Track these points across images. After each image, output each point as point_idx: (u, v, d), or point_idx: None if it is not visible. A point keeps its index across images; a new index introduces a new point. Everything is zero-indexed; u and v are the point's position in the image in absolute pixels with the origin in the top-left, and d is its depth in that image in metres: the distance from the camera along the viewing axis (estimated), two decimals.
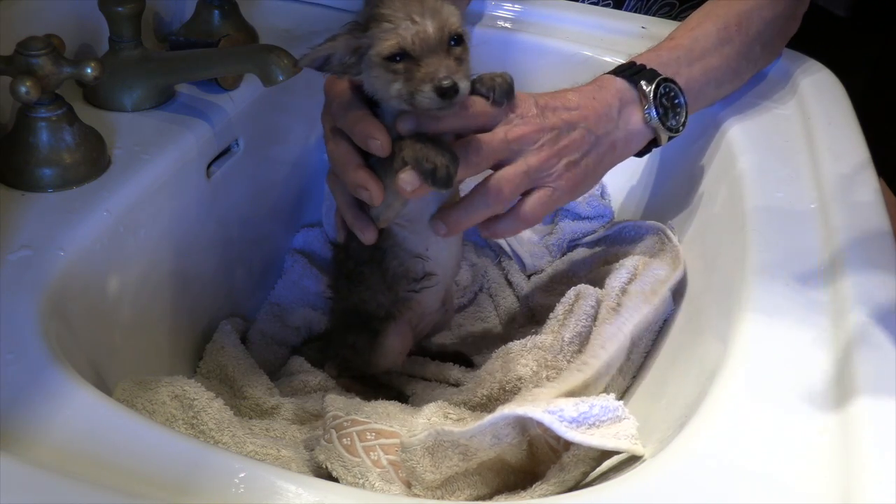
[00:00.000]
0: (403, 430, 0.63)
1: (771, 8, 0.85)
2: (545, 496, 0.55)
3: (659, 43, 0.82)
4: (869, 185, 0.72)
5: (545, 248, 0.96)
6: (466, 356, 0.87)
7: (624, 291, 0.73)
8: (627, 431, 0.55)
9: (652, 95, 0.74)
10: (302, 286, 0.94)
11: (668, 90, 0.75)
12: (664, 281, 0.70)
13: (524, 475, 0.59)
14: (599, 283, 0.76)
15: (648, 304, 0.68)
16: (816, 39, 0.95)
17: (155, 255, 0.73)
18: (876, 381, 0.52)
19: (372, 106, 0.67)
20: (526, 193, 0.70)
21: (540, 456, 0.58)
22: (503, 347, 0.75)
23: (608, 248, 0.85)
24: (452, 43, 0.63)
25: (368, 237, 0.71)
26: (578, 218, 0.96)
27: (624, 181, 0.98)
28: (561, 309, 0.75)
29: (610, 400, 0.56)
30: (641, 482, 0.47)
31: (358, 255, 0.76)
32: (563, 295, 0.76)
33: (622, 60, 0.81)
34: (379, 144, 0.65)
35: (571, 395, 0.63)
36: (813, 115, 0.83)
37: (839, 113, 0.84)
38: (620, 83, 0.75)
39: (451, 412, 0.68)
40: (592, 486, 0.52)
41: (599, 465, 0.57)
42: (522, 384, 0.71)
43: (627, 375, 0.70)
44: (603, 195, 0.98)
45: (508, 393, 0.72)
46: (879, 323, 0.56)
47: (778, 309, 0.58)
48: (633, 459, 0.55)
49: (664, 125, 0.74)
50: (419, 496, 0.58)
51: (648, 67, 0.76)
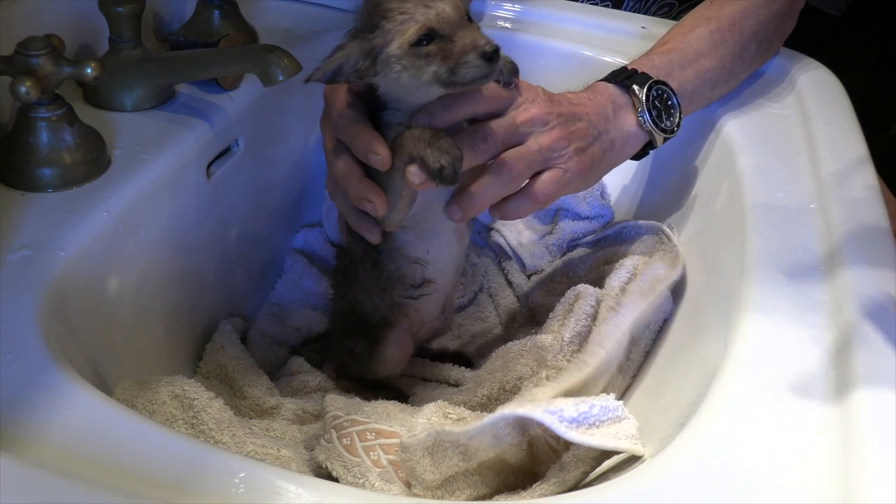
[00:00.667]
0: (403, 430, 0.63)
1: (766, 7, 0.85)
2: (545, 496, 0.55)
3: (651, 47, 0.83)
4: (868, 184, 0.72)
5: (545, 248, 0.96)
6: (466, 356, 0.87)
7: (623, 291, 0.73)
8: (627, 431, 0.55)
9: (644, 98, 0.74)
10: (302, 286, 0.94)
11: (660, 92, 0.75)
12: (662, 279, 0.70)
13: (524, 475, 0.59)
14: (599, 283, 0.76)
15: (646, 300, 0.68)
16: (816, 39, 0.95)
17: (155, 255, 0.73)
18: (876, 381, 0.52)
19: (373, 112, 0.67)
20: (536, 175, 0.70)
21: (540, 456, 0.58)
22: (503, 347, 0.75)
23: (608, 248, 0.85)
24: (469, 13, 0.63)
25: (375, 238, 0.71)
26: (578, 218, 0.96)
27: (623, 181, 0.98)
28: (561, 309, 0.75)
29: (610, 400, 0.56)
30: (641, 482, 0.47)
31: (354, 252, 0.76)
32: (563, 295, 0.76)
33: (622, 60, 0.81)
34: (379, 159, 0.65)
35: (570, 394, 0.63)
36: (812, 114, 0.83)
37: (838, 112, 0.84)
38: (613, 89, 0.75)
39: (451, 412, 0.68)
40: (592, 486, 0.52)
41: (599, 465, 0.57)
42: (522, 384, 0.71)
43: (627, 375, 0.70)
44: (603, 195, 0.98)
45: (508, 393, 0.72)
46: (879, 322, 0.56)
47: (777, 308, 0.58)
48: (633, 459, 0.55)
49: (658, 127, 0.75)
50: (419, 496, 0.58)
51: (640, 72, 0.76)
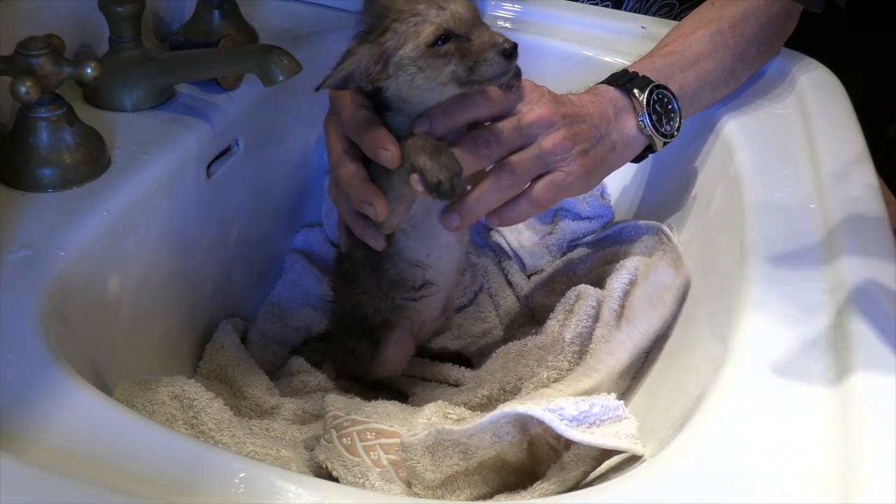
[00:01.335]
0: (403, 429, 0.63)
1: (767, 9, 0.85)
2: (545, 496, 0.55)
3: (652, 49, 0.83)
4: (868, 184, 0.72)
5: (545, 248, 0.96)
6: (466, 356, 0.87)
7: (627, 293, 0.73)
8: (628, 431, 0.55)
9: (645, 103, 0.74)
10: (302, 286, 0.94)
11: (661, 97, 0.75)
12: (669, 287, 0.70)
13: (524, 474, 0.59)
14: (600, 283, 0.76)
15: (657, 313, 0.68)
16: (816, 39, 0.95)
17: (155, 255, 0.73)
18: (876, 381, 0.52)
19: (377, 112, 0.67)
20: (537, 178, 0.70)
21: (540, 455, 0.58)
22: (503, 347, 0.75)
23: (608, 248, 0.85)
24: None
25: (380, 244, 0.71)
26: (578, 218, 0.96)
27: (623, 181, 0.98)
28: (561, 309, 0.75)
29: (610, 399, 0.56)
30: (641, 482, 0.47)
31: (354, 256, 0.76)
32: (563, 295, 0.76)
33: (622, 60, 0.81)
34: (389, 156, 0.64)
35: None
36: (812, 114, 0.83)
37: (838, 112, 0.84)
38: (614, 92, 0.75)
39: (451, 412, 0.68)
40: (592, 485, 0.52)
41: (600, 464, 0.57)
42: (522, 384, 0.71)
43: (627, 376, 0.70)
44: (603, 195, 0.98)
45: (508, 393, 0.72)
46: (879, 322, 0.56)
47: (777, 308, 0.58)
48: (633, 459, 0.55)
49: (658, 131, 0.75)
50: (419, 496, 0.58)
51: (641, 75, 0.76)
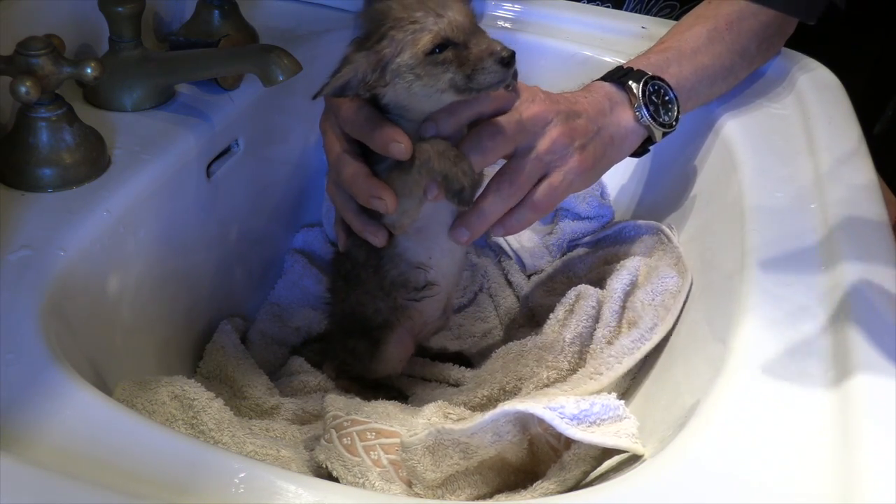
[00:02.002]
0: (403, 429, 0.63)
1: (766, 8, 0.85)
2: (546, 495, 0.55)
3: (649, 48, 0.83)
4: (868, 184, 0.72)
5: (545, 248, 0.96)
6: (466, 356, 0.87)
7: (628, 294, 0.73)
8: (628, 430, 0.55)
9: (641, 94, 0.74)
10: (302, 286, 0.94)
11: (656, 87, 0.76)
12: (675, 294, 0.70)
13: (525, 474, 0.59)
14: (600, 283, 0.76)
15: (665, 324, 0.68)
16: (816, 39, 0.95)
17: (155, 255, 0.73)
18: (876, 381, 0.52)
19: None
20: (537, 182, 0.69)
21: (540, 455, 0.58)
22: (503, 347, 0.75)
23: (608, 248, 0.85)
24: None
25: (381, 241, 0.71)
26: (578, 218, 0.96)
27: (623, 181, 0.98)
28: (561, 309, 0.75)
29: (611, 399, 0.56)
30: (641, 482, 0.47)
31: (355, 256, 0.76)
32: (563, 295, 0.76)
33: (622, 60, 0.81)
34: (402, 148, 0.64)
35: None
36: (812, 114, 0.83)
37: (838, 112, 0.84)
38: (608, 86, 0.75)
39: (451, 412, 0.68)
40: (593, 485, 0.52)
41: (600, 464, 0.57)
42: (523, 385, 0.71)
43: (628, 376, 0.70)
44: (603, 195, 0.98)
45: (509, 393, 0.72)
46: (879, 322, 0.56)
47: (777, 309, 0.58)
48: (633, 459, 0.55)
49: (656, 122, 0.75)
50: (420, 495, 0.58)
51: (636, 69, 0.76)
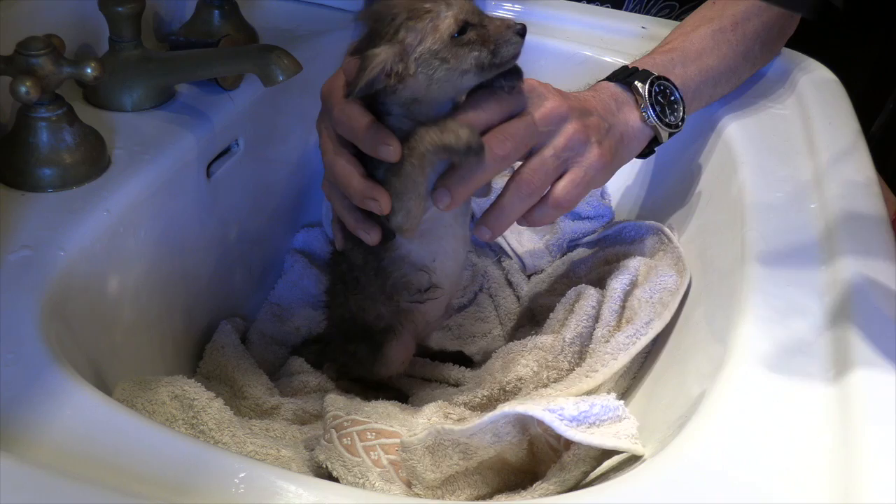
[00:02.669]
0: (404, 429, 0.63)
1: (769, 8, 0.85)
2: (545, 496, 0.55)
3: (653, 49, 0.83)
4: (868, 184, 0.72)
5: (545, 248, 0.96)
6: (466, 356, 0.87)
7: (628, 294, 0.73)
8: (628, 431, 0.55)
9: (647, 94, 0.74)
10: (302, 286, 0.94)
11: (662, 88, 0.75)
12: (673, 292, 0.70)
13: (524, 475, 0.59)
14: (600, 283, 0.76)
15: (661, 320, 0.68)
16: (816, 39, 0.95)
17: (155, 255, 0.73)
18: (876, 381, 0.52)
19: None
20: (557, 179, 0.69)
21: (540, 455, 0.58)
22: (503, 347, 0.75)
23: (608, 248, 0.85)
24: None
25: (374, 238, 0.69)
26: (578, 218, 0.96)
27: (623, 181, 0.98)
28: (561, 309, 0.75)
29: (610, 399, 0.56)
30: (641, 482, 0.47)
31: (352, 258, 0.75)
32: (563, 295, 0.76)
33: (622, 60, 0.81)
34: (391, 150, 0.64)
35: None
36: (812, 114, 0.83)
37: (838, 112, 0.84)
38: (614, 87, 0.75)
39: (451, 412, 0.68)
40: (592, 486, 0.52)
41: (600, 464, 0.57)
42: (523, 384, 0.71)
43: (627, 376, 0.70)
44: (603, 195, 0.98)
45: (509, 393, 0.72)
46: (879, 322, 0.56)
47: (777, 309, 0.58)
48: (633, 459, 0.55)
49: (662, 122, 0.74)
50: (420, 496, 0.58)
51: (641, 69, 0.76)
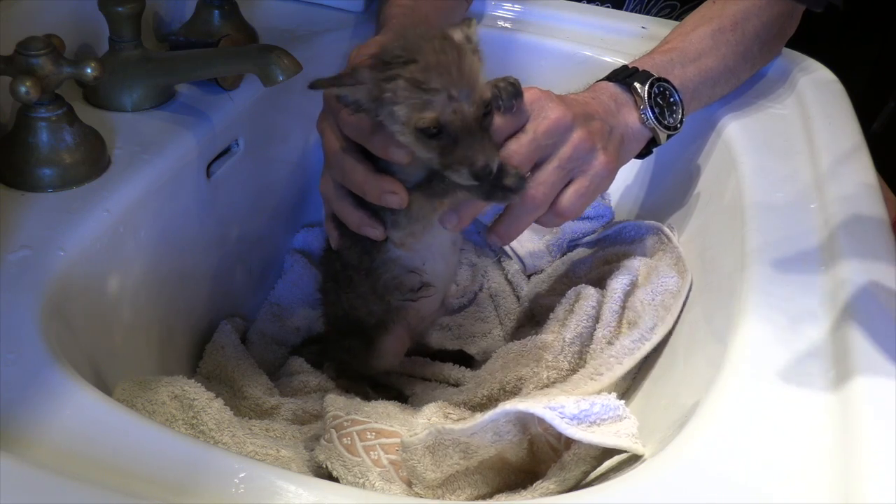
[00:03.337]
0: (404, 429, 0.63)
1: (768, 8, 0.85)
2: (546, 495, 0.55)
3: (653, 48, 0.83)
4: (868, 184, 0.72)
5: (545, 248, 0.96)
6: (466, 356, 0.87)
7: (628, 294, 0.73)
8: (628, 430, 0.55)
9: (646, 96, 0.74)
10: (302, 286, 0.94)
11: (661, 89, 0.75)
12: (675, 294, 0.70)
13: (525, 474, 0.59)
14: (600, 283, 0.76)
15: (665, 325, 0.68)
16: (816, 39, 0.95)
17: (155, 255, 0.73)
18: (876, 381, 0.51)
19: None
20: (564, 188, 0.68)
21: (541, 455, 0.58)
22: (503, 347, 0.75)
23: (608, 248, 0.85)
24: (487, 107, 0.60)
25: (379, 234, 0.69)
26: (579, 218, 0.96)
27: (624, 181, 0.98)
28: (561, 309, 0.75)
29: (611, 399, 0.56)
30: (641, 482, 0.47)
31: (346, 258, 0.75)
32: (563, 295, 0.76)
33: (622, 60, 0.81)
34: (398, 199, 0.64)
35: None
36: (812, 114, 0.83)
37: (838, 112, 0.84)
38: (614, 87, 0.75)
39: (451, 412, 0.68)
40: (593, 485, 0.52)
41: (600, 464, 0.57)
42: (523, 384, 0.71)
43: (628, 376, 0.70)
44: (603, 195, 0.98)
45: (509, 393, 0.72)
46: (879, 322, 0.56)
47: (777, 309, 0.58)
48: (633, 459, 0.55)
49: (661, 124, 0.74)
50: (420, 495, 0.58)
51: (641, 69, 0.76)
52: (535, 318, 0.86)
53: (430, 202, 0.66)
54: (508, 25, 1.04)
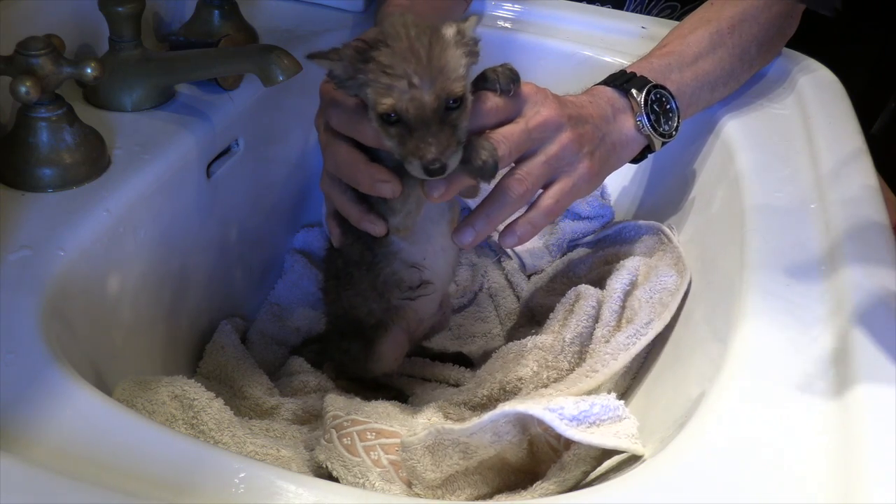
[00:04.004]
0: (404, 429, 0.63)
1: (767, 10, 0.85)
2: (545, 495, 0.55)
3: (651, 50, 0.83)
4: (868, 184, 0.72)
5: (545, 248, 0.96)
6: (466, 356, 0.87)
7: (627, 294, 0.73)
8: (628, 431, 0.55)
9: (643, 103, 0.74)
10: (302, 286, 0.94)
11: (658, 96, 0.75)
12: (673, 292, 0.70)
13: (524, 474, 0.59)
14: (600, 283, 0.76)
15: (661, 320, 0.68)
16: (816, 39, 0.95)
17: (155, 255, 0.73)
18: (875, 381, 0.51)
19: None
20: (546, 186, 0.69)
21: (540, 455, 0.58)
22: (503, 348, 0.75)
23: (608, 248, 0.85)
24: (452, 103, 0.59)
25: (381, 230, 0.69)
26: (578, 218, 0.96)
27: (623, 181, 0.98)
28: (561, 309, 0.75)
29: (611, 399, 0.56)
30: (641, 482, 0.47)
31: (348, 254, 0.75)
32: (563, 295, 0.76)
33: (622, 60, 0.81)
34: (389, 188, 0.64)
35: None
36: (812, 114, 0.83)
37: (838, 112, 0.84)
38: (611, 92, 0.75)
39: (451, 412, 0.68)
40: (592, 485, 0.52)
41: (600, 464, 0.57)
42: (523, 384, 0.71)
43: (627, 376, 0.70)
44: (603, 195, 0.98)
45: (509, 393, 0.72)
46: (879, 322, 0.56)
47: (777, 309, 0.58)
48: (633, 459, 0.55)
49: (656, 132, 0.75)
50: (420, 495, 0.58)
51: (639, 75, 0.76)
52: (535, 318, 0.86)
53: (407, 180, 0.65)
54: (508, 25, 1.04)
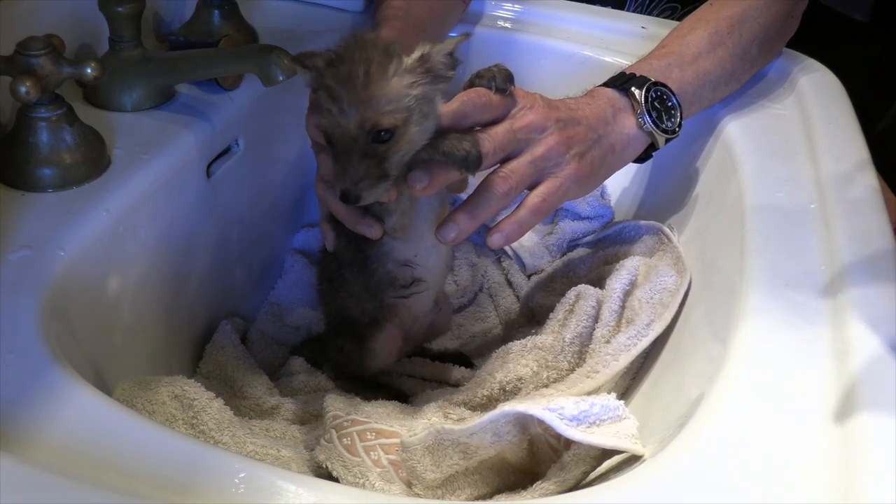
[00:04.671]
0: (403, 429, 0.63)
1: (767, 9, 0.85)
2: (545, 495, 0.55)
3: (650, 52, 0.83)
4: (868, 184, 0.72)
5: (545, 248, 0.96)
6: (466, 356, 0.87)
7: (627, 294, 0.73)
8: (628, 431, 0.55)
9: (643, 100, 0.74)
10: (302, 286, 0.94)
11: (659, 93, 0.75)
12: (673, 292, 0.70)
13: (524, 474, 0.59)
14: (600, 283, 0.76)
15: (662, 321, 0.68)
16: (816, 38, 0.95)
17: (155, 255, 0.73)
18: (876, 382, 0.52)
19: None
20: (532, 187, 0.69)
21: (540, 455, 0.58)
22: (503, 348, 0.75)
23: (608, 248, 0.85)
24: (382, 134, 0.60)
25: (377, 232, 0.70)
26: (578, 218, 0.96)
27: (624, 182, 0.98)
28: (561, 309, 0.75)
29: (611, 399, 0.56)
30: (641, 482, 0.47)
31: (340, 256, 0.75)
32: (563, 295, 0.76)
33: (622, 60, 0.81)
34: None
35: None
36: (812, 114, 0.83)
37: (839, 112, 0.84)
38: (611, 92, 0.75)
39: (451, 412, 0.68)
40: (592, 486, 0.52)
41: (600, 464, 0.57)
42: (523, 385, 0.71)
43: (627, 376, 0.70)
44: (603, 195, 0.98)
45: (508, 393, 0.72)
46: (879, 322, 0.56)
47: (777, 309, 0.58)
48: (633, 459, 0.55)
49: (659, 128, 0.75)
50: (420, 496, 0.58)
51: (639, 75, 0.76)
52: (535, 318, 0.86)
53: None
54: (508, 25, 1.04)
